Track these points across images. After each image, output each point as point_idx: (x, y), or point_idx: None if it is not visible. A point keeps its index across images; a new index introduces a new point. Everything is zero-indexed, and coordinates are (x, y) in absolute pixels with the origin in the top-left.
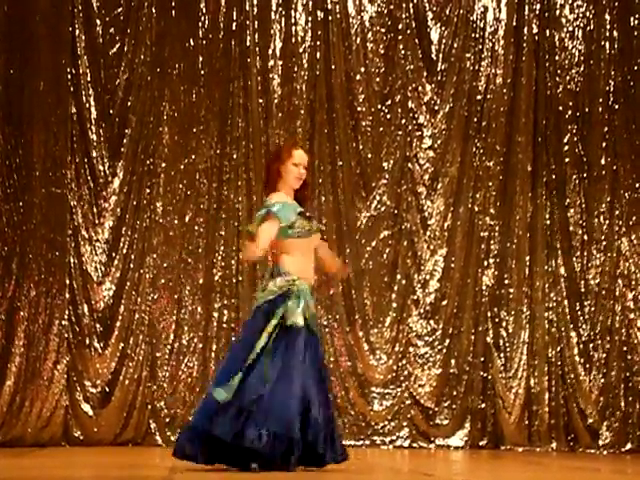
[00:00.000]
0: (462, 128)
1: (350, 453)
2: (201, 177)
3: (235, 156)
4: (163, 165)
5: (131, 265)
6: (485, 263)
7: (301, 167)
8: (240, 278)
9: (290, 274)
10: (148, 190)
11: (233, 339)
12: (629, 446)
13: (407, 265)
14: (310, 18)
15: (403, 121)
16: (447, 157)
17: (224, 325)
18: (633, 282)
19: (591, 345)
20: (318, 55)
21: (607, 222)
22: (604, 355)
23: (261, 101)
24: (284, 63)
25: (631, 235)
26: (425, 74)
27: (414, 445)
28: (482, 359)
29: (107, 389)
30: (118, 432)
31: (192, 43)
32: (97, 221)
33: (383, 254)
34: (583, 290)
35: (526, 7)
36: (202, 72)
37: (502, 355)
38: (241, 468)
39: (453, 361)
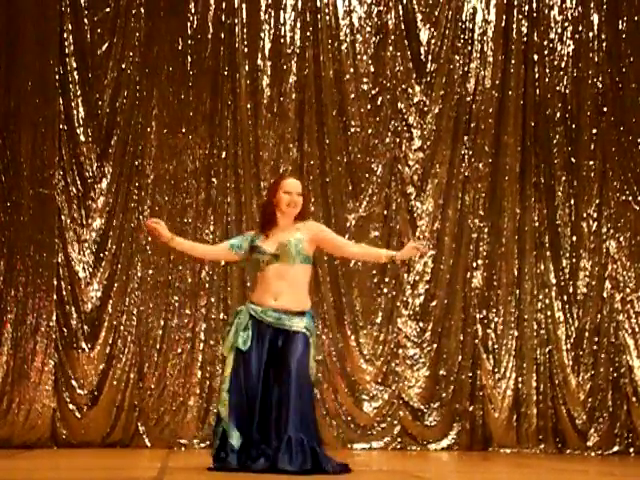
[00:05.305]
0: (451, 129)
1: (340, 454)
2: (189, 178)
3: (224, 157)
4: (151, 165)
5: (119, 266)
6: (474, 264)
7: (294, 195)
8: (228, 279)
9: (249, 302)
10: (136, 191)
11: None
12: (617, 448)
13: (396, 266)
14: (299, 19)
15: (392, 122)
16: (436, 158)
17: (212, 325)
18: (621, 284)
19: (579, 347)
20: (307, 56)
21: (595, 224)
22: (592, 357)
23: (250, 102)
24: (273, 64)
25: (619, 237)
26: (414, 75)
27: (403, 446)
28: (471, 361)
29: (95, 390)
30: (106, 434)
31: (181, 43)
32: (85, 222)
33: None
34: (571, 292)
35: (515, 9)
36: (191, 73)
37: (491, 357)
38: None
39: (442, 362)
